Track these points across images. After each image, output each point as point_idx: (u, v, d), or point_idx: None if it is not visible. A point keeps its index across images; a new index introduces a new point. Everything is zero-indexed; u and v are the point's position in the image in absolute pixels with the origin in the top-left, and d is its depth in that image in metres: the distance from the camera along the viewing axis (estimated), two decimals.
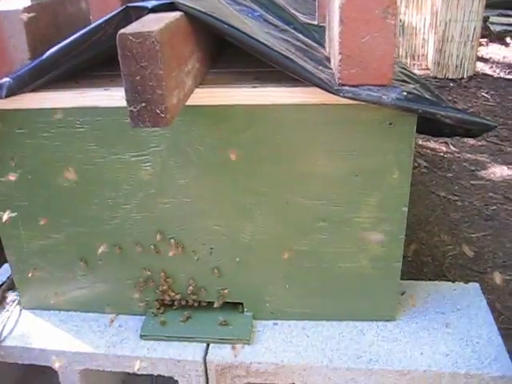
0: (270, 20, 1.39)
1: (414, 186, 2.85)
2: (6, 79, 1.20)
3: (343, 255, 1.35)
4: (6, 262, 1.56)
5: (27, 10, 1.20)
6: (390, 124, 1.19)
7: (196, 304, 1.45)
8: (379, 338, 1.39)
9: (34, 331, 1.47)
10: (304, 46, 1.33)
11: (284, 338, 1.40)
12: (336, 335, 1.40)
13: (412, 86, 1.20)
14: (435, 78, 4.49)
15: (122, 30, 0.90)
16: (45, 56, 1.18)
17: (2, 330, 1.46)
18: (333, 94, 1.11)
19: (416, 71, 4.63)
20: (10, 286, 1.61)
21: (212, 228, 1.35)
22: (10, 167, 1.33)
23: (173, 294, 1.43)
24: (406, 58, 4.68)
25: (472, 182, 2.90)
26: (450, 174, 2.99)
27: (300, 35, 1.44)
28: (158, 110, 0.93)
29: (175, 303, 1.45)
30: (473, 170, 3.04)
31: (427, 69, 4.62)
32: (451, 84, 4.38)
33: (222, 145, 1.25)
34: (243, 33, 1.10)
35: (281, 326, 1.43)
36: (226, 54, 1.47)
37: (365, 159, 1.24)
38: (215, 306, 1.43)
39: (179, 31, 1.03)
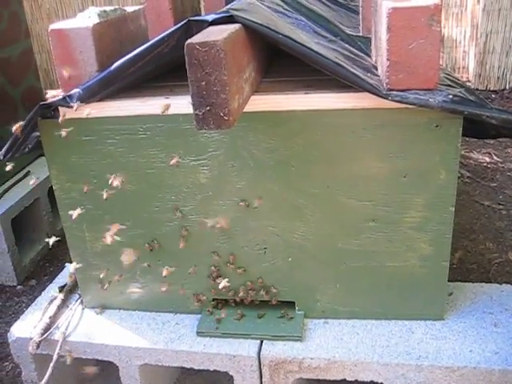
0: (319, 31, 1.47)
1: (458, 196, 2.84)
2: (76, 90, 1.31)
3: (392, 254, 1.40)
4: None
5: (96, 26, 1.31)
6: (437, 126, 1.24)
7: (250, 302, 1.51)
8: (428, 335, 1.42)
9: (96, 328, 1.56)
10: (352, 55, 1.40)
11: (335, 335, 1.45)
12: (385, 333, 1.44)
13: (457, 89, 1.25)
14: (477, 89, 4.47)
15: (190, 40, 0.99)
16: (112, 68, 1.27)
17: (67, 327, 1.56)
18: (382, 98, 1.17)
19: None
20: (73, 286, 1.71)
21: (266, 229, 1.41)
22: (77, 174, 1.43)
23: (228, 293, 1.50)
24: None
25: None
26: (494, 184, 2.98)
27: (347, 45, 1.51)
28: (221, 113, 1.01)
29: (230, 302, 1.52)
30: None
31: (468, 81, 4.61)
32: (493, 95, 4.36)
33: (277, 149, 1.32)
34: (298, 42, 1.17)
35: (331, 325, 1.48)
36: (276, 64, 1.55)
37: (412, 161, 1.29)
38: (270, 303, 1.49)
39: (239, 41, 1.11)
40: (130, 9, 1.56)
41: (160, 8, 1.67)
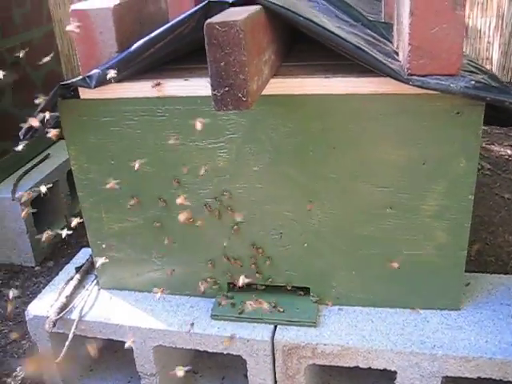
0: (340, 16, 1.45)
1: (477, 188, 2.79)
2: (96, 70, 1.31)
3: (409, 242, 1.39)
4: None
5: (117, 7, 1.31)
6: (458, 113, 1.23)
7: (264, 287, 1.51)
8: (443, 325, 1.41)
9: (112, 309, 1.57)
10: (373, 40, 1.38)
11: (349, 322, 1.44)
12: (400, 321, 1.43)
13: (480, 76, 1.23)
14: None
15: (209, 20, 0.98)
16: (132, 48, 1.28)
17: (83, 307, 1.57)
18: (403, 82, 1.16)
19: None
20: (89, 267, 1.72)
21: (282, 213, 1.41)
22: (95, 154, 1.44)
23: (243, 276, 1.49)
24: None
25: None
26: None
27: (368, 30, 1.49)
28: (240, 94, 1.01)
29: (245, 286, 1.52)
30: None
31: None
32: None
33: (295, 133, 1.31)
34: (319, 25, 1.16)
35: (346, 312, 1.48)
36: (295, 50, 1.54)
37: (432, 148, 1.27)
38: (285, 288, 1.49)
39: (259, 23, 1.11)
40: None
41: None
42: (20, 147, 1.38)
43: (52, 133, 1.33)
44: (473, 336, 1.37)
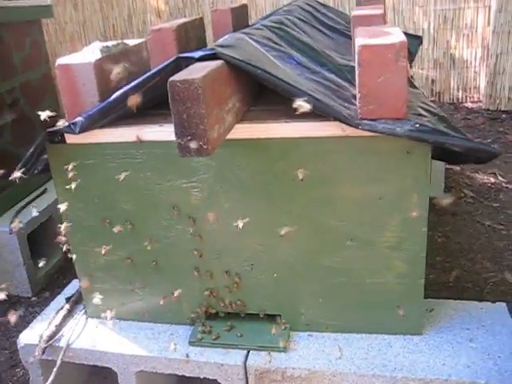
0: (304, 63, 1.58)
1: (459, 216, 2.92)
2: (79, 118, 1.44)
3: (371, 272, 1.49)
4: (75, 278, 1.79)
5: (98, 61, 1.44)
6: (408, 153, 1.34)
7: (238, 315, 1.62)
8: (405, 349, 1.51)
9: (98, 337, 1.68)
10: (334, 86, 1.50)
11: (317, 347, 1.54)
12: (365, 346, 1.53)
13: (427, 119, 1.35)
14: (488, 110, 4.53)
15: (172, 78, 1.11)
16: (111, 99, 1.41)
17: (71, 335, 1.68)
18: (353, 127, 1.28)
19: (468, 104, 4.71)
20: (78, 298, 1.83)
21: (252, 246, 1.52)
22: (81, 194, 1.56)
23: (218, 306, 1.60)
24: (458, 90, 4.76)
25: None
26: (497, 204, 3.04)
27: (332, 75, 1.62)
28: (201, 143, 1.13)
29: (220, 314, 1.63)
30: None
31: (480, 101, 4.68)
32: (503, 116, 4.41)
33: (260, 172, 1.43)
34: (275, 77, 1.29)
35: (315, 337, 1.58)
36: (265, 93, 1.67)
37: (387, 184, 1.39)
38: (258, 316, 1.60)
39: (220, 77, 1.23)
40: (132, 42, 1.70)
41: (164, 40, 1.81)
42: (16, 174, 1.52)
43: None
44: (432, 359, 1.47)
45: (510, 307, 1.65)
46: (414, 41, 3.01)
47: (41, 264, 1.60)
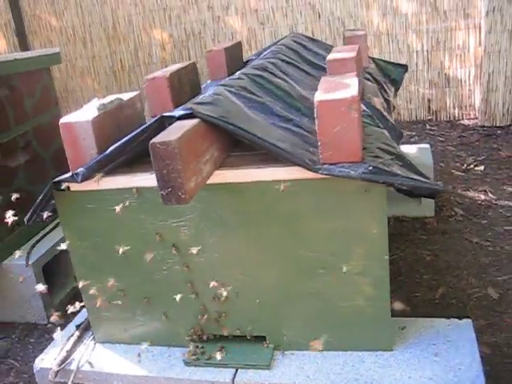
0: (278, 112, 1.78)
1: (449, 234, 3.07)
2: (81, 169, 1.65)
3: (342, 296, 1.67)
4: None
5: (95, 119, 1.65)
6: (366, 191, 1.53)
7: (228, 337, 1.80)
8: (376, 364, 1.68)
9: (104, 360, 1.88)
10: (304, 132, 1.70)
11: (298, 364, 1.72)
12: (340, 362, 1.70)
13: (381, 160, 1.54)
14: (483, 126, 4.68)
15: (152, 140, 1.32)
16: (107, 152, 1.62)
17: (81, 359, 1.88)
18: (313, 172, 1.47)
19: (465, 121, 4.87)
20: (87, 325, 2.04)
21: (236, 276, 1.71)
22: (84, 233, 1.77)
23: (210, 329, 1.79)
24: (454, 108, 4.92)
25: (506, 227, 3.07)
26: (485, 221, 3.17)
27: (306, 119, 1.81)
28: (179, 193, 1.33)
29: (212, 337, 1.82)
30: (508, 216, 3.20)
31: (475, 118, 4.83)
32: (498, 131, 4.56)
33: (239, 212, 1.63)
34: (245, 131, 1.49)
35: (296, 356, 1.76)
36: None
37: (348, 219, 1.57)
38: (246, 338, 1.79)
39: (197, 134, 1.44)
40: (126, 95, 1.91)
41: (159, 87, 2.02)
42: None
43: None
44: (399, 372, 1.64)
45: (475, 324, 1.81)
46: (399, 69, 3.19)
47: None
